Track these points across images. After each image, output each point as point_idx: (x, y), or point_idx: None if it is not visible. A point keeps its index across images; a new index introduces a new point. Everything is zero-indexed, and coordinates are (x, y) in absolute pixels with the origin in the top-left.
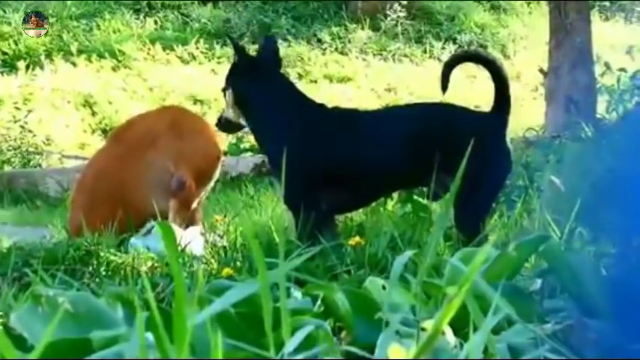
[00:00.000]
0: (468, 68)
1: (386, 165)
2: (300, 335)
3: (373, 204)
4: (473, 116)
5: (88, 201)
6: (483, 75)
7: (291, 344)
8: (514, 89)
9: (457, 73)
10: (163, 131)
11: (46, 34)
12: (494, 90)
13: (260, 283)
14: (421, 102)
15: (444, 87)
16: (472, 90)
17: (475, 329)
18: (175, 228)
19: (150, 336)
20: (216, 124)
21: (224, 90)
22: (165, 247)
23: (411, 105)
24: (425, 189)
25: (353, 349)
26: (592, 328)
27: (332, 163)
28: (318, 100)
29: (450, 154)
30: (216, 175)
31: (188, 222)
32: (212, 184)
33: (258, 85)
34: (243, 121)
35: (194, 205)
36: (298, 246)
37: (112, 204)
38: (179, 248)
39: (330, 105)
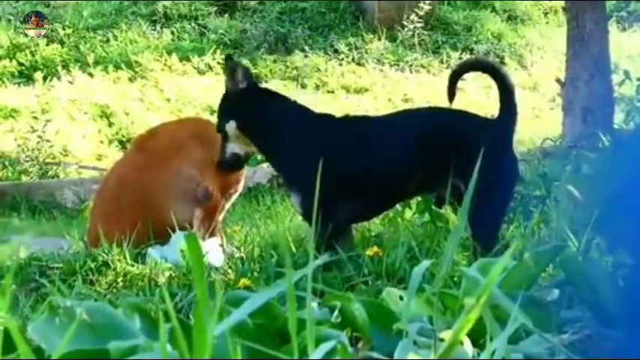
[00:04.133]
0: (483, 79)
1: (398, 171)
2: (324, 348)
3: (390, 214)
4: (481, 122)
5: (110, 208)
6: None
7: (315, 354)
8: (531, 99)
9: (473, 83)
10: (188, 140)
11: (62, 46)
12: (499, 98)
13: (287, 287)
14: (428, 107)
15: (451, 95)
16: (488, 100)
17: (492, 339)
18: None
19: (168, 347)
20: (219, 165)
21: (220, 129)
22: (190, 258)
23: (418, 110)
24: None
25: (374, 354)
26: (609, 339)
27: (348, 171)
28: (334, 111)
29: (458, 159)
30: (240, 188)
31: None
32: (236, 196)
33: (261, 106)
34: (252, 148)
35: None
36: (315, 257)
37: (134, 211)
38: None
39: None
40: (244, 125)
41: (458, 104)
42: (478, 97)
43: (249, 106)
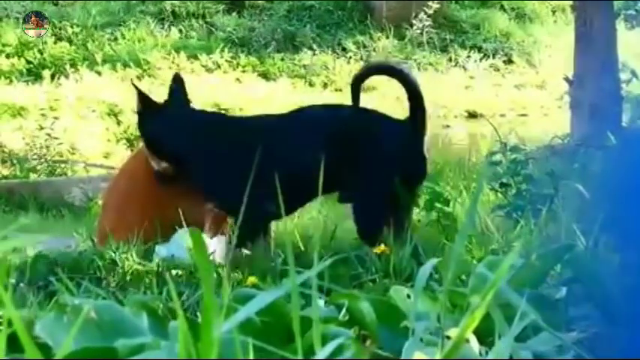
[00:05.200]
0: (493, 77)
1: (308, 168)
2: (330, 346)
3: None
4: (388, 122)
5: (121, 205)
6: (509, 84)
7: (321, 353)
8: (539, 97)
9: (482, 81)
10: None
11: (70, 44)
12: (408, 101)
13: (291, 286)
14: (337, 104)
15: (355, 100)
16: (497, 98)
17: (500, 337)
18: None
19: (175, 345)
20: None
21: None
22: (196, 255)
23: (326, 106)
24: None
25: (381, 352)
26: (617, 337)
27: (267, 168)
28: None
29: (362, 157)
30: None
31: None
32: None
33: (172, 123)
34: (163, 164)
35: None
36: (321, 256)
37: (144, 209)
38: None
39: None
40: (148, 144)
41: (468, 102)
42: (487, 95)
43: (147, 125)
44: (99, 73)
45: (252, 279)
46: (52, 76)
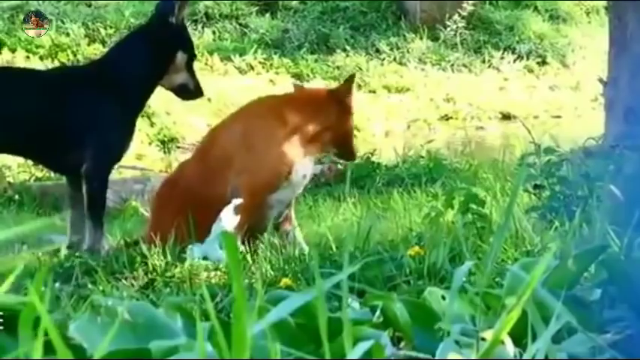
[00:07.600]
0: (526, 79)
1: None
2: (362, 347)
3: (432, 214)
4: None
5: (171, 214)
6: (543, 85)
7: (352, 355)
8: (573, 99)
9: (516, 82)
10: (236, 147)
11: (104, 45)
12: None
13: (317, 289)
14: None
15: None
16: (531, 100)
17: (534, 338)
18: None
19: (208, 347)
20: None
21: None
22: (227, 258)
23: None
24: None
25: (414, 354)
26: None
27: None
28: (376, 111)
29: None
30: (293, 180)
31: (281, 225)
32: (299, 189)
33: None
34: None
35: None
36: (354, 257)
37: (184, 216)
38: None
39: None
40: None
41: (502, 103)
42: (521, 97)
43: None
44: None
45: (285, 280)
46: None
